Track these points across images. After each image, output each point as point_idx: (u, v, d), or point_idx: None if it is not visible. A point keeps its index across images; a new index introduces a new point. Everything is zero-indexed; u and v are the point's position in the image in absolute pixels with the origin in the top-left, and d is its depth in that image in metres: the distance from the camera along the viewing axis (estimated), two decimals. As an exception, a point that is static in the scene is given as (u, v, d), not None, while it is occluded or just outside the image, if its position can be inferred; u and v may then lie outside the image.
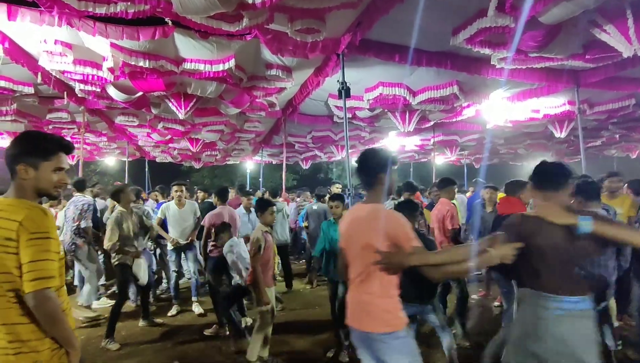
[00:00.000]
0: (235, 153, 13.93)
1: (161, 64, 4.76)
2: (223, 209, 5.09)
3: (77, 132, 8.55)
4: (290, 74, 5.48)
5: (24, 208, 1.59)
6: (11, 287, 1.54)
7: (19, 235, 1.53)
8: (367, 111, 7.28)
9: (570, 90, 6.27)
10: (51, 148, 1.71)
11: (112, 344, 4.16)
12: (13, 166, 1.66)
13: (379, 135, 10.61)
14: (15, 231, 1.53)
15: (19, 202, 1.62)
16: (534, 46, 4.16)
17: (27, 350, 1.55)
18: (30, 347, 1.56)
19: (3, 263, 1.53)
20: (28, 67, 5.07)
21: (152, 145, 11.70)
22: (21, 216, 1.55)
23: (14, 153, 1.67)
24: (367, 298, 2.02)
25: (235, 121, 8.76)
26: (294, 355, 3.91)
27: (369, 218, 2.04)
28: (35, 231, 1.55)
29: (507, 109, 7.66)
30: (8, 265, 1.53)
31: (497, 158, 16.23)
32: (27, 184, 1.67)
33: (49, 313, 1.56)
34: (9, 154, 1.67)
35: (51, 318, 1.57)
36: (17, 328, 1.55)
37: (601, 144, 12.34)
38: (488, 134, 10.37)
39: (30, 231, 1.54)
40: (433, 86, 6.14)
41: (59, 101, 6.89)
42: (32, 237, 1.54)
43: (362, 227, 2.05)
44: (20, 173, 1.65)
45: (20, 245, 1.53)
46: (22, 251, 1.53)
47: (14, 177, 1.66)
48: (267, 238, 3.58)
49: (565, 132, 8.33)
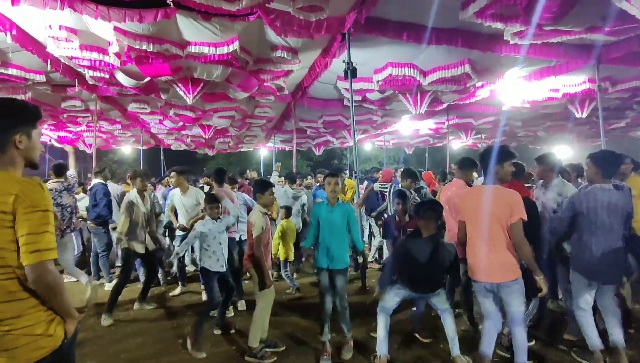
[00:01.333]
0: (248, 139, 13.97)
1: (166, 47, 4.75)
2: (219, 191, 4.83)
3: (91, 120, 8.70)
4: (296, 55, 5.40)
5: (18, 181, 1.55)
6: (3, 263, 1.52)
7: (15, 208, 1.50)
8: (377, 93, 7.14)
9: (590, 67, 5.97)
10: (37, 114, 1.70)
11: (107, 320, 4.28)
12: (7, 136, 1.60)
13: (392, 119, 10.43)
14: (10, 204, 1.50)
15: (9, 175, 1.58)
16: (549, 17, 3.94)
17: (10, 328, 1.52)
18: (14, 325, 1.53)
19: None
20: (37, 54, 5.14)
21: (166, 132, 11.84)
22: (16, 189, 1.52)
23: (7, 123, 1.62)
24: (502, 257, 2.78)
25: (245, 107, 8.77)
26: (294, 337, 3.92)
27: (498, 196, 2.81)
28: (33, 204, 1.53)
29: (524, 88, 7.38)
30: (1, 239, 1.51)
31: (515, 141, 15.79)
32: (20, 154, 1.63)
33: (50, 285, 1.56)
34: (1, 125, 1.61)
35: (52, 290, 1.57)
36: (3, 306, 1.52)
37: (625, 125, 11.81)
38: (504, 116, 10.06)
39: (27, 204, 1.52)
40: (444, 66, 5.94)
41: (71, 89, 7.01)
42: (30, 210, 1.52)
43: (493, 202, 2.79)
44: (15, 143, 1.61)
45: (18, 219, 1.51)
46: (20, 224, 1.51)
47: (4, 150, 1.60)
48: (265, 220, 3.51)
49: (587, 112, 7.98)
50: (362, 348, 3.63)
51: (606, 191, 3.11)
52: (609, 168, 3.18)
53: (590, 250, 3.13)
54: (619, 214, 3.08)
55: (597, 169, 3.18)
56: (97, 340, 3.96)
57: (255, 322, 3.46)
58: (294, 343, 3.76)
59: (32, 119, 1.68)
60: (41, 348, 1.57)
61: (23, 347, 1.53)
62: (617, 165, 3.32)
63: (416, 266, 3.21)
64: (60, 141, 12.32)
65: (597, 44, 5.24)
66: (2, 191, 1.52)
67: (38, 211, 1.53)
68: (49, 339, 1.59)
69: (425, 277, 3.25)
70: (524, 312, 2.91)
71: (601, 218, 3.08)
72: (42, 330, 1.58)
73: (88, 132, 11.12)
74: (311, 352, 3.58)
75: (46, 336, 1.58)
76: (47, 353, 1.58)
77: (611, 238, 3.09)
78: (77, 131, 11.14)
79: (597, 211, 3.09)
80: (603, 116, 6.22)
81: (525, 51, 5.10)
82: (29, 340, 1.55)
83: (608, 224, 3.08)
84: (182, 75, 5.79)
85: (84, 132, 11.37)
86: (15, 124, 1.62)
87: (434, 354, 3.48)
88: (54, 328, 1.61)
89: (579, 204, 3.17)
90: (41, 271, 1.53)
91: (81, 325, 4.22)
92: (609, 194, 3.10)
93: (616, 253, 3.09)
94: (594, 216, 3.10)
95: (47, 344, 1.58)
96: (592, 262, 3.12)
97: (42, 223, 1.54)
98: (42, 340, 1.57)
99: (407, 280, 3.29)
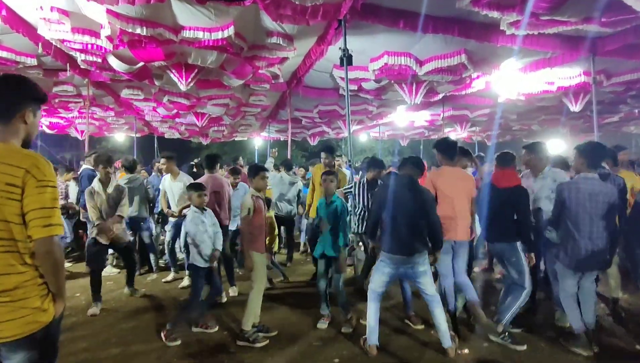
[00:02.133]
0: (243, 128, 13.88)
1: (159, 32, 4.67)
2: (209, 177, 4.76)
3: (84, 106, 8.58)
4: (291, 42, 5.34)
5: (27, 155, 1.58)
6: (6, 236, 1.53)
7: (24, 182, 1.52)
8: (373, 82, 7.10)
9: (586, 59, 5.98)
10: (45, 96, 1.77)
11: (93, 308, 4.23)
12: (18, 109, 1.63)
13: (387, 109, 10.40)
14: (20, 177, 1.51)
15: (15, 148, 1.60)
16: (545, 7, 3.93)
17: (9, 300, 1.53)
18: (13, 297, 1.54)
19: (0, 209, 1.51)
20: (28, 37, 5.03)
21: (159, 120, 11.71)
22: (27, 163, 1.54)
23: (20, 96, 1.66)
24: None
25: (240, 95, 8.69)
26: (285, 324, 3.94)
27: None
28: (45, 179, 1.56)
29: (520, 80, 7.38)
30: (5, 211, 1.51)
31: (510, 134, 15.85)
32: (24, 129, 1.67)
33: (57, 259, 1.60)
34: (12, 96, 1.64)
35: (57, 265, 1.61)
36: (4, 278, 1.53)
37: (619, 120, 11.90)
38: (499, 109, 10.06)
39: (39, 179, 1.54)
40: (440, 55, 5.91)
41: (63, 73, 6.89)
42: (43, 184, 1.55)
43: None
44: (24, 117, 1.65)
45: (27, 192, 1.52)
46: (31, 198, 1.52)
47: (11, 121, 1.62)
48: (258, 203, 3.55)
49: (581, 105, 8.00)
50: (353, 333, 3.67)
51: (589, 181, 3.19)
52: (594, 159, 3.27)
53: (573, 239, 3.20)
54: (601, 204, 3.13)
55: (582, 159, 3.27)
56: (88, 324, 3.96)
57: (249, 306, 3.50)
58: (285, 329, 3.78)
59: (40, 99, 1.75)
60: (35, 322, 1.58)
61: (19, 320, 1.54)
62: (602, 156, 3.42)
63: (397, 212, 3.21)
64: (52, 128, 12.16)
65: (594, 36, 5.24)
66: (12, 163, 1.53)
67: (49, 186, 1.58)
68: (42, 314, 1.60)
69: (407, 229, 3.18)
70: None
71: (583, 207, 3.15)
72: (38, 304, 1.59)
73: (80, 119, 10.98)
74: (303, 337, 3.61)
75: (41, 310, 1.60)
76: (38, 328, 1.59)
77: (594, 228, 3.15)
78: (69, 118, 11.00)
79: (579, 201, 3.17)
80: (597, 110, 6.25)
81: (521, 41, 5.08)
82: (25, 313, 1.56)
83: (590, 214, 3.14)
84: (176, 60, 5.69)
85: (76, 119, 11.22)
86: (26, 99, 1.67)
87: (424, 342, 3.50)
88: (48, 304, 1.63)
89: (561, 193, 3.26)
90: (52, 245, 1.57)
91: (73, 310, 4.23)
92: (592, 184, 3.17)
93: (599, 242, 3.15)
94: (576, 205, 3.17)
95: (40, 319, 1.60)
96: (575, 251, 3.20)
97: (53, 198, 1.59)
98: (37, 314, 1.59)
99: (390, 236, 3.24)
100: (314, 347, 3.44)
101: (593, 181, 3.19)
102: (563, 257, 3.29)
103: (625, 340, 3.51)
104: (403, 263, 3.25)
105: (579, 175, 3.30)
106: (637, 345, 3.41)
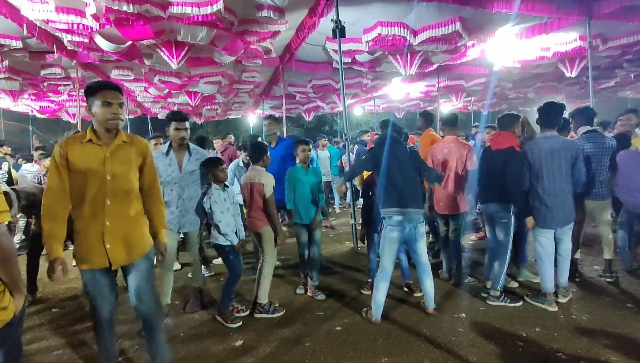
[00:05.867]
0: (236, 106, 13.71)
1: (146, 8, 4.54)
2: None
3: (73, 88, 8.42)
4: (282, 15, 5.22)
5: None
6: None
7: None
8: (366, 54, 6.99)
9: (582, 24, 5.90)
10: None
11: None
12: None
13: (382, 82, 10.29)
14: None
15: None
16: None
17: None
18: None
19: None
20: (11, 18, 4.89)
21: (152, 101, 11.53)
22: None
23: None
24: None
25: (232, 72, 8.55)
26: (288, 295, 4.05)
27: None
28: None
29: (515, 47, 7.29)
30: None
31: (506, 103, 15.77)
32: None
33: (5, 249, 1.45)
34: None
35: (6, 255, 1.46)
36: None
37: (615, 85, 11.82)
38: (495, 77, 9.97)
39: None
40: (434, 24, 5.80)
41: (50, 55, 6.73)
42: None
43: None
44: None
45: None
46: None
47: None
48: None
49: (576, 71, 7.94)
50: (353, 302, 3.78)
51: (548, 139, 3.37)
52: (550, 118, 3.42)
53: (540, 197, 3.39)
54: (563, 160, 3.31)
55: (541, 121, 3.46)
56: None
57: (263, 279, 3.58)
58: (288, 301, 3.87)
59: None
60: None
61: None
62: (557, 115, 3.47)
63: (396, 169, 3.32)
64: (43, 112, 11.97)
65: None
66: None
67: None
68: (1, 312, 1.46)
69: (409, 183, 3.32)
70: None
71: (546, 165, 3.33)
72: None
73: (71, 102, 10.79)
74: (307, 308, 3.71)
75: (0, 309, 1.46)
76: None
77: (557, 183, 3.33)
78: (59, 101, 10.81)
79: (541, 159, 3.34)
80: (593, 75, 6.22)
81: (517, 6, 5.00)
82: None
83: (553, 171, 3.32)
84: (165, 38, 5.57)
85: (67, 102, 11.03)
86: None
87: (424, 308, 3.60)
88: (7, 301, 1.49)
89: (526, 155, 3.42)
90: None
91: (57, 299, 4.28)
92: (552, 141, 3.34)
93: (564, 197, 3.36)
94: (539, 163, 3.35)
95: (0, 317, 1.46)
96: (543, 210, 3.38)
97: None
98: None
99: (396, 192, 3.30)
100: (317, 316, 3.54)
101: (552, 139, 3.36)
102: (536, 217, 3.43)
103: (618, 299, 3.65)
104: (410, 221, 3.28)
105: (538, 135, 3.49)
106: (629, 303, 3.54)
